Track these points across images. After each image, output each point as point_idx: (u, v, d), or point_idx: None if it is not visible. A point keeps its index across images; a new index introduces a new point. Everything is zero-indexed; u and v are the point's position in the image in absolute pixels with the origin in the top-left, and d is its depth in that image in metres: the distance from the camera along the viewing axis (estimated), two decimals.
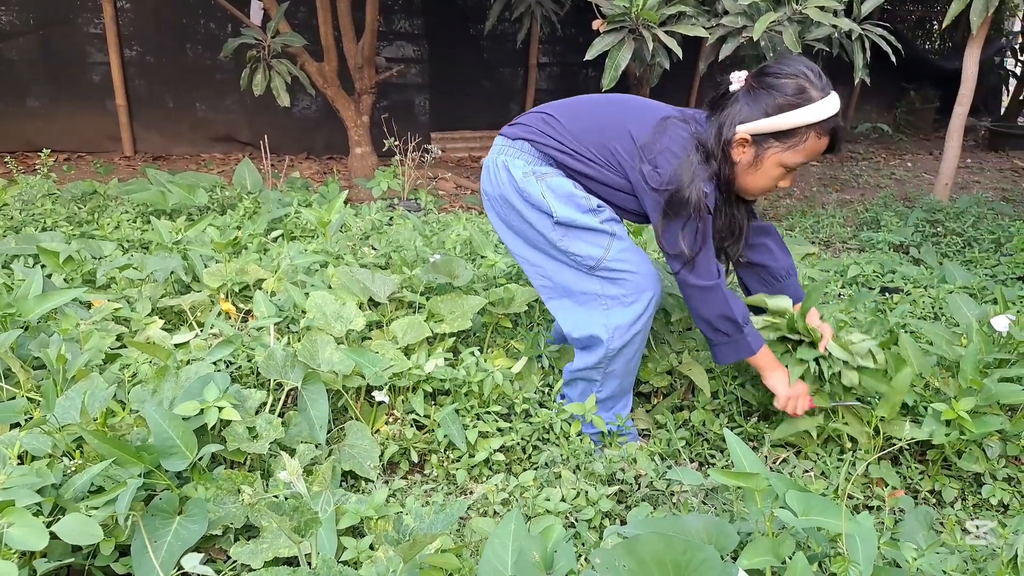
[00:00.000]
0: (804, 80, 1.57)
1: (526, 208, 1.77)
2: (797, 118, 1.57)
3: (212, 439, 1.63)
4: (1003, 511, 1.75)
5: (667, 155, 1.65)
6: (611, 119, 1.76)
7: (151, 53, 5.73)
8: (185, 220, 3.39)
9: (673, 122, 1.69)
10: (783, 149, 1.62)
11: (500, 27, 6.50)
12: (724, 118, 1.63)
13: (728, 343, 1.76)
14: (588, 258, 1.76)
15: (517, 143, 1.81)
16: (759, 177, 1.68)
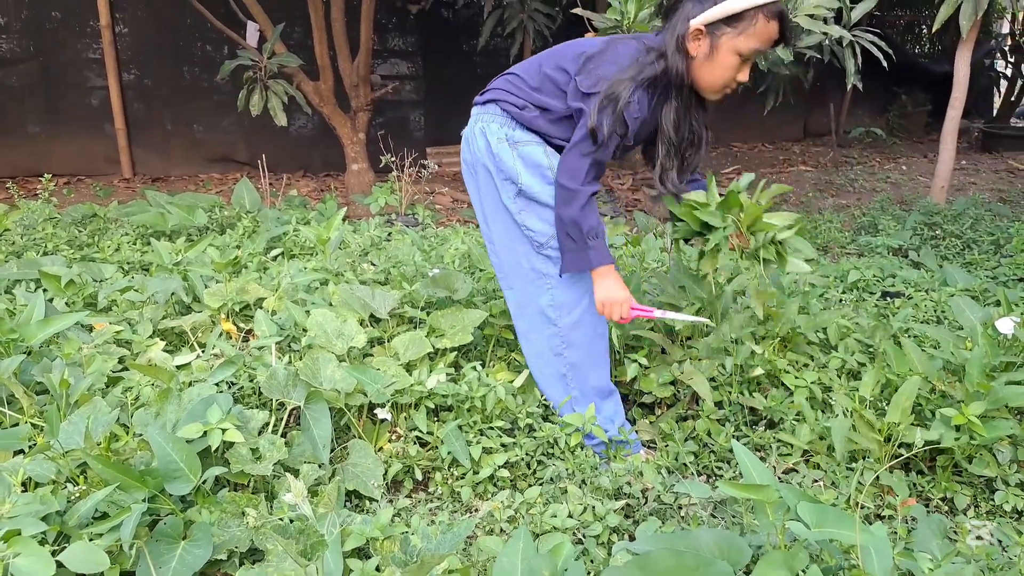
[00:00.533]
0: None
1: (497, 174, 1.82)
2: (744, 1, 1.62)
3: (215, 461, 1.61)
4: (1017, 517, 1.74)
5: (607, 64, 1.69)
6: (567, 56, 1.79)
7: (149, 76, 5.77)
8: (185, 241, 3.39)
9: (623, 40, 1.75)
10: (736, 34, 1.66)
11: (493, 42, 6.54)
12: (677, 18, 1.69)
13: (574, 250, 1.76)
14: (540, 234, 1.81)
15: (488, 107, 1.86)
16: (716, 67, 1.71)
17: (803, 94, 6.98)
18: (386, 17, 6.45)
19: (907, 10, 9.50)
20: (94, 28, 5.45)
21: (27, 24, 5.31)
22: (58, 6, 5.38)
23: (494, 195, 1.85)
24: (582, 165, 1.70)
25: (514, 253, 1.87)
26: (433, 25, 6.70)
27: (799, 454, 1.92)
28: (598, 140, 1.66)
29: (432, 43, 6.74)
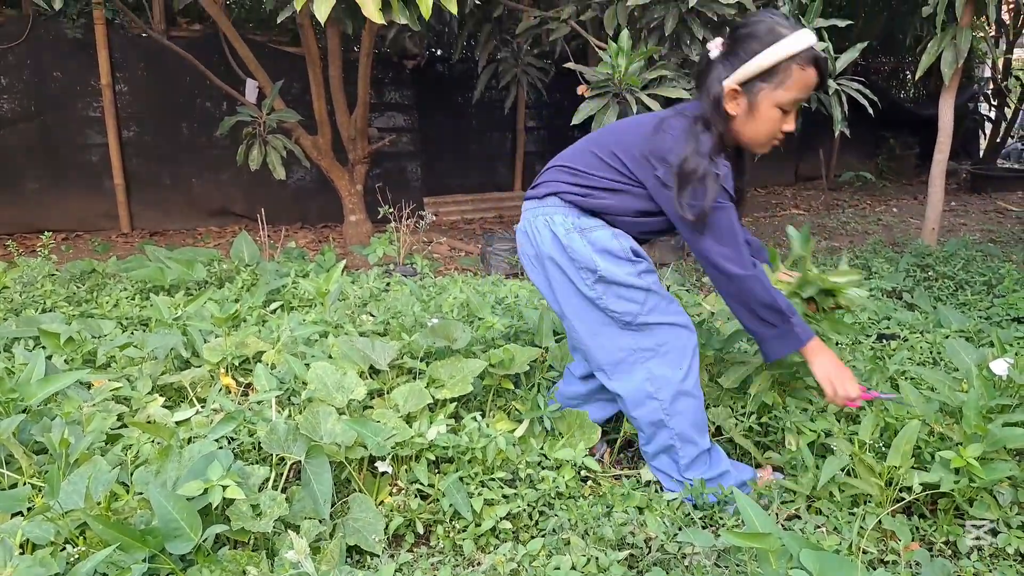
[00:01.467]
0: (772, 22, 1.64)
1: (569, 265, 1.81)
2: (774, 54, 1.62)
3: (216, 518, 1.60)
4: (1021, 560, 1.73)
5: (673, 148, 1.69)
6: (612, 136, 1.82)
7: (148, 133, 5.87)
8: (184, 295, 3.41)
9: (668, 120, 1.74)
10: (772, 88, 1.66)
11: (488, 95, 6.70)
12: (711, 81, 1.70)
13: (776, 335, 1.75)
14: (625, 314, 1.81)
15: (547, 200, 1.86)
16: (760, 123, 1.71)
17: (793, 140, 7.13)
18: (383, 72, 6.61)
19: (891, 57, 9.77)
20: (94, 87, 5.57)
21: (28, 85, 5.43)
22: (59, 67, 5.51)
23: (568, 286, 1.85)
24: (726, 247, 1.70)
25: (599, 337, 1.85)
26: (429, 79, 6.86)
27: (802, 500, 1.91)
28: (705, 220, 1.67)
29: (428, 96, 6.89)
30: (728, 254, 1.70)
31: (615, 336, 1.85)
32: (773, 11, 1.70)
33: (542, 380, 2.44)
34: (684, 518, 1.85)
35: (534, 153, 7.71)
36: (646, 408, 1.88)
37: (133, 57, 5.68)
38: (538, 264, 1.90)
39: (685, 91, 3.81)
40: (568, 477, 1.95)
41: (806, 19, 3.95)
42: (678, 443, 1.89)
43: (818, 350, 1.79)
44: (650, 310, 1.81)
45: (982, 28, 8.25)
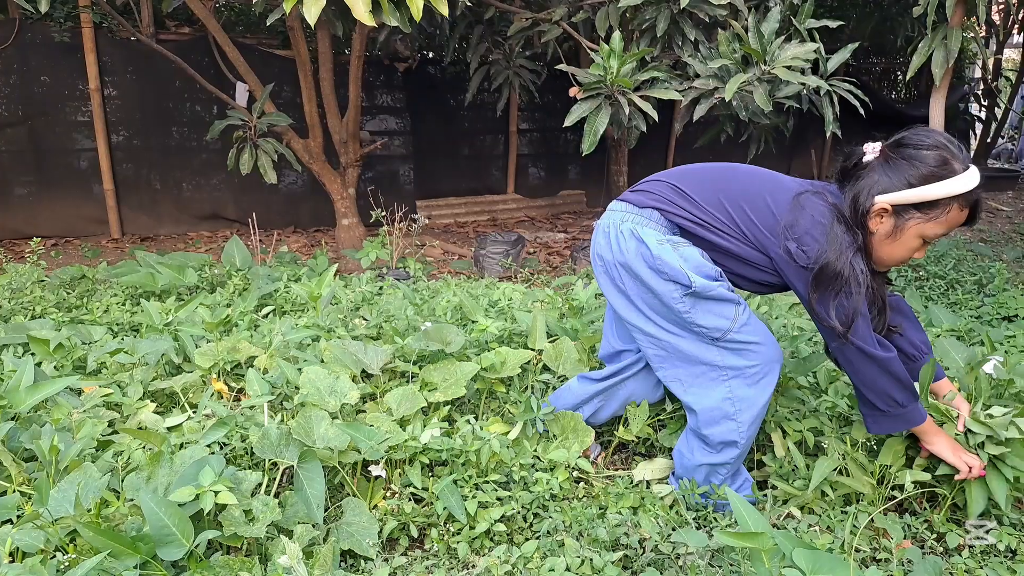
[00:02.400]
0: (946, 152, 1.55)
1: (654, 277, 1.73)
2: (942, 190, 1.54)
3: (208, 524, 1.59)
4: (1011, 556, 1.73)
5: (812, 232, 1.62)
6: (744, 192, 1.73)
7: (138, 137, 5.84)
8: (175, 300, 3.39)
9: (809, 197, 1.66)
10: (925, 220, 1.59)
11: (480, 97, 6.69)
12: (861, 188, 1.61)
13: (899, 414, 1.70)
14: (714, 329, 1.75)
15: (646, 211, 1.78)
16: (897, 248, 1.64)
17: (785, 141, 7.14)
18: (374, 75, 6.60)
19: (882, 58, 9.81)
20: (83, 92, 5.54)
21: (15, 89, 5.39)
22: (47, 71, 5.47)
23: (648, 295, 1.78)
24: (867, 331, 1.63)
25: (681, 347, 1.80)
26: (421, 82, 6.85)
27: (795, 499, 1.91)
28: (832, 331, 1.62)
29: (420, 99, 6.88)
30: (868, 337, 1.64)
31: (701, 349, 1.78)
32: (946, 135, 1.60)
33: (535, 382, 2.44)
34: (678, 518, 1.85)
35: (527, 155, 7.72)
36: (721, 427, 1.81)
37: (122, 61, 5.66)
38: (612, 271, 1.83)
39: (677, 92, 3.82)
40: (562, 479, 1.95)
41: (798, 20, 3.96)
42: (733, 462, 1.85)
43: (934, 429, 1.76)
44: (741, 326, 1.75)
45: (972, 29, 8.30)
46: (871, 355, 1.63)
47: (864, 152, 1.65)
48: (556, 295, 3.34)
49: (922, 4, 4.39)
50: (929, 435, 1.75)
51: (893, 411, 1.69)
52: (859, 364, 1.66)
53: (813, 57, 3.64)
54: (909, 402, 1.69)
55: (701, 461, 1.88)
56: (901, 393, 1.67)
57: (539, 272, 4.88)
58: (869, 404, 1.72)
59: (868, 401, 1.72)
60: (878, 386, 1.67)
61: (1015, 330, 3.17)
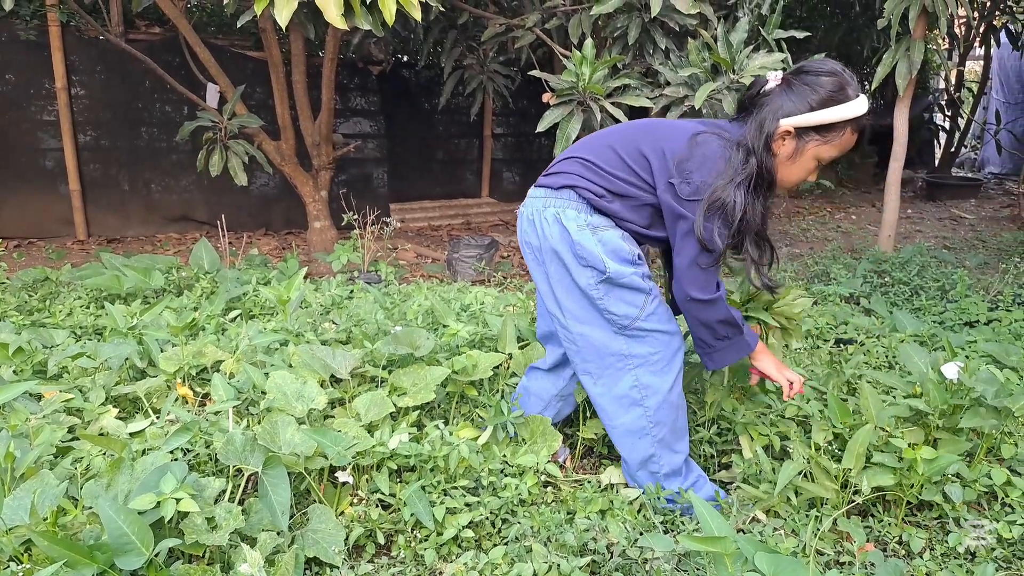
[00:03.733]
0: (841, 79, 1.65)
1: (574, 262, 1.77)
2: (838, 113, 1.65)
3: (169, 532, 1.57)
4: (971, 559, 1.77)
5: (701, 165, 1.67)
6: (643, 143, 1.77)
7: (105, 137, 5.74)
8: (141, 304, 3.33)
9: (705, 135, 1.71)
10: (822, 143, 1.69)
11: (454, 101, 6.69)
12: (766, 113, 1.68)
13: (729, 345, 1.81)
14: (623, 317, 1.80)
15: (563, 192, 1.81)
16: (796, 169, 1.74)
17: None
18: (347, 77, 6.56)
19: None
20: (49, 90, 5.43)
21: None
22: (12, 69, 5.36)
23: (568, 282, 1.82)
24: (707, 276, 1.72)
25: (591, 339, 1.84)
26: (395, 85, 6.83)
27: (761, 503, 1.93)
28: (713, 250, 1.67)
29: (394, 102, 6.86)
30: (704, 282, 1.72)
31: (608, 340, 1.83)
32: (838, 64, 1.69)
33: (504, 386, 2.43)
34: (645, 522, 1.86)
35: (501, 160, 7.73)
36: (630, 415, 1.87)
37: (90, 60, 5.56)
38: (540, 256, 1.86)
39: (648, 99, 3.85)
40: (530, 484, 1.95)
41: (766, 30, 4.02)
42: (657, 450, 1.89)
43: (762, 352, 1.90)
44: (648, 315, 1.80)
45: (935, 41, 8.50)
46: (705, 300, 1.74)
47: (767, 80, 1.72)
48: (528, 299, 3.34)
49: (886, 16, 4.49)
50: (757, 354, 1.89)
51: (720, 344, 1.81)
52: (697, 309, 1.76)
53: (781, 67, 3.69)
54: (734, 333, 1.81)
55: (633, 460, 1.93)
56: (726, 328, 1.79)
57: (512, 276, 4.88)
58: (703, 343, 1.84)
59: (701, 340, 1.83)
60: (710, 324, 1.78)
61: (976, 335, 3.24)
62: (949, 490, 1.83)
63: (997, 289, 4.03)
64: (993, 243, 5.92)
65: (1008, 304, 3.82)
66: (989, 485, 1.91)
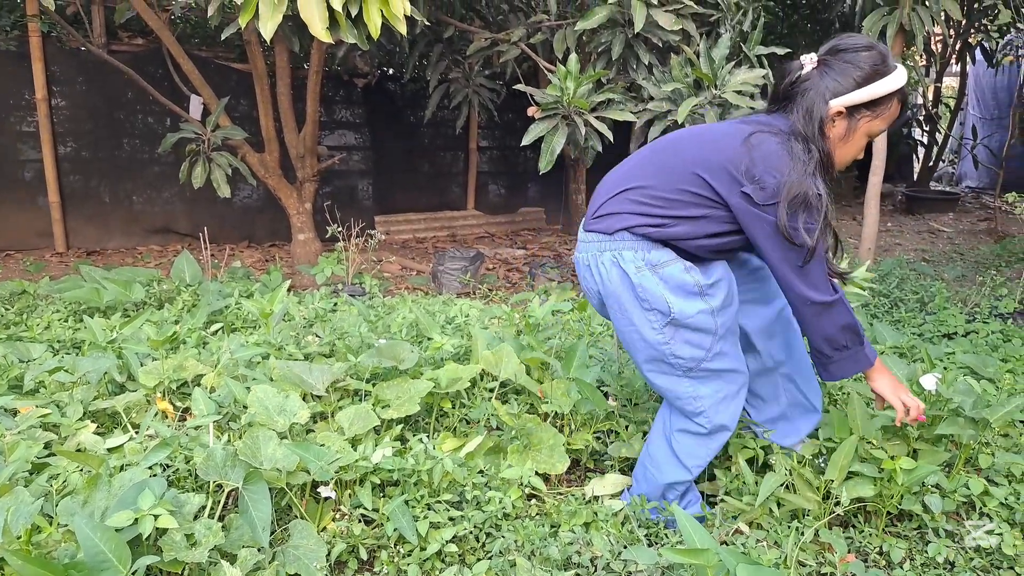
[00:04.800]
0: (880, 50, 1.62)
1: (636, 307, 1.72)
2: (886, 85, 1.61)
3: (147, 549, 1.54)
4: (950, 568, 1.78)
5: (768, 167, 1.60)
6: (696, 162, 1.68)
7: (86, 149, 5.70)
8: (120, 317, 3.30)
9: (757, 136, 1.63)
10: (872, 117, 1.65)
11: (440, 114, 6.71)
12: (812, 98, 1.62)
13: (848, 356, 1.72)
14: (689, 360, 1.75)
15: (618, 235, 1.74)
16: (849, 148, 1.70)
17: None
18: (333, 90, 6.56)
19: None
20: (29, 101, 5.39)
21: None
22: None
23: (629, 329, 1.77)
24: (815, 274, 1.64)
25: (658, 384, 1.82)
26: (380, 98, 6.84)
27: (744, 515, 1.94)
28: (803, 246, 1.60)
29: (379, 115, 6.87)
30: (819, 281, 1.65)
31: (673, 384, 1.79)
32: (871, 38, 1.66)
33: (490, 396, 2.42)
34: (629, 535, 1.86)
35: (487, 172, 7.75)
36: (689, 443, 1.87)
37: (71, 71, 5.52)
38: (598, 301, 1.84)
39: (632, 114, 3.88)
40: (515, 497, 1.94)
41: (747, 47, 4.07)
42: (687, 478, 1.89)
43: (881, 369, 1.79)
44: (715, 356, 1.76)
45: (913, 58, 8.65)
46: (826, 304, 1.65)
47: (802, 64, 1.66)
48: (513, 312, 3.35)
49: (865, 34, 4.56)
50: (875, 372, 1.78)
51: (838, 356, 1.72)
52: (814, 314, 1.67)
53: (762, 82, 3.74)
54: (855, 343, 1.71)
55: (659, 478, 1.90)
56: (847, 336, 1.70)
57: (497, 288, 4.88)
58: (818, 352, 1.74)
59: (818, 350, 1.74)
60: (829, 333, 1.69)
61: (954, 347, 3.28)
62: (928, 501, 1.85)
63: (975, 301, 4.09)
64: (971, 256, 6.00)
65: (985, 316, 3.87)
66: (967, 495, 1.93)
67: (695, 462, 1.86)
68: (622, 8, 3.91)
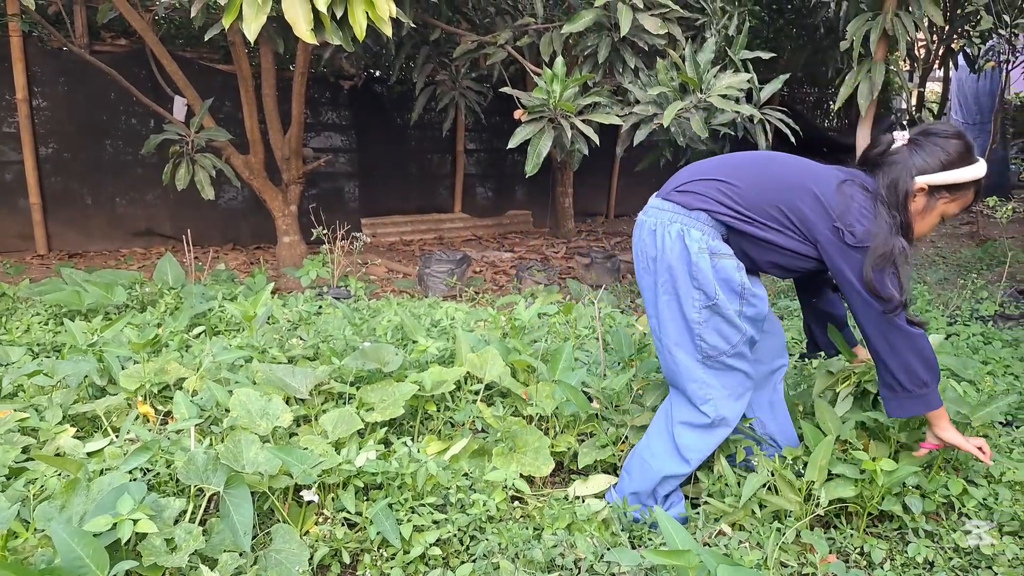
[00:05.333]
0: (968, 141, 1.73)
1: (687, 281, 1.80)
2: (968, 174, 1.72)
3: (126, 555, 1.53)
4: (929, 568, 1.80)
5: (860, 218, 1.71)
6: (790, 182, 1.79)
7: (68, 150, 5.64)
8: (102, 320, 3.26)
9: (851, 185, 1.76)
10: (950, 200, 1.76)
11: (427, 117, 6.70)
12: (900, 171, 1.72)
13: (920, 396, 1.77)
14: (713, 348, 1.83)
15: (695, 214, 1.81)
16: (923, 225, 1.79)
17: None
18: (319, 92, 6.54)
19: (815, 88, 10.23)
20: (10, 102, 5.33)
21: None
22: None
23: (673, 300, 1.84)
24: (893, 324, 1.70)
25: (679, 360, 1.86)
26: (367, 100, 6.83)
27: (727, 517, 1.94)
28: (888, 299, 1.67)
29: (366, 117, 6.85)
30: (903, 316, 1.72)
31: (691, 366, 1.86)
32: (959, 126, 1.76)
33: (468, 393, 2.42)
34: (612, 538, 1.86)
35: (474, 175, 7.75)
36: (691, 436, 1.91)
37: (53, 71, 5.47)
38: (653, 267, 1.87)
39: (618, 117, 3.90)
40: (499, 500, 1.94)
41: (732, 51, 4.10)
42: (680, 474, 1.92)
43: (945, 416, 1.84)
44: (736, 353, 1.84)
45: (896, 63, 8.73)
46: (908, 332, 1.72)
47: (893, 139, 1.77)
48: (499, 315, 3.34)
49: (849, 39, 4.61)
50: (943, 421, 1.83)
51: (917, 391, 1.76)
52: (896, 340, 1.73)
53: (747, 87, 3.76)
54: (932, 383, 1.77)
55: (652, 473, 1.92)
56: (927, 373, 1.75)
57: (484, 291, 4.88)
58: (891, 386, 1.79)
59: (893, 381, 1.78)
60: (910, 364, 1.74)
61: (936, 349, 3.30)
62: (909, 501, 1.86)
63: (956, 304, 4.13)
64: (953, 259, 6.07)
65: (966, 319, 3.91)
66: (947, 496, 1.94)
67: (695, 455, 1.90)
68: (608, 12, 3.93)
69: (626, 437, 2.21)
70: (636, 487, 1.95)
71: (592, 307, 3.70)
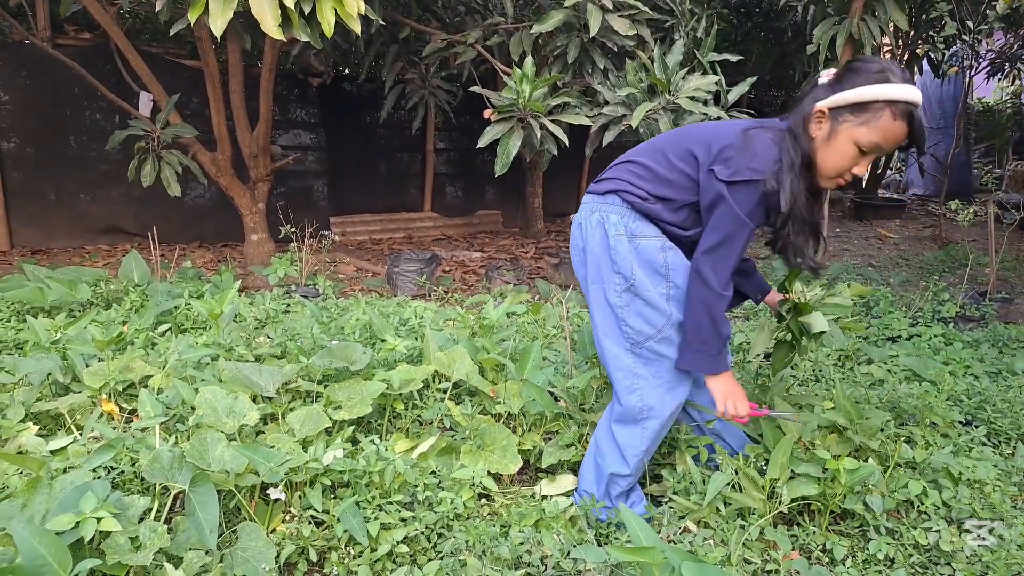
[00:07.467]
0: (886, 66, 1.62)
1: (608, 267, 1.81)
2: (871, 92, 1.59)
3: (90, 554, 1.51)
4: (890, 564, 1.85)
5: (746, 156, 1.66)
6: (693, 141, 1.76)
7: (31, 145, 5.52)
8: (66, 317, 3.20)
9: (756, 130, 1.72)
10: (857, 124, 1.63)
11: (396, 115, 6.68)
12: (806, 102, 1.70)
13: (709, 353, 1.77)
14: (638, 333, 1.82)
15: (609, 198, 1.83)
16: (832, 153, 1.67)
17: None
18: (287, 89, 6.48)
19: (782, 91, 10.39)
20: None
21: None
22: None
23: (598, 287, 1.85)
24: (728, 263, 1.69)
25: (607, 351, 1.86)
26: (336, 97, 6.78)
27: (692, 514, 1.98)
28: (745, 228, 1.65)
29: (335, 115, 6.80)
30: (724, 270, 1.70)
31: (619, 354, 1.85)
32: (892, 62, 1.66)
33: (439, 396, 2.42)
34: (579, 535, 1.88)
35: (444, 174, 7.74)
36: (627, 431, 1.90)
37: (14, 65, 5.34)
38: (583, 258, 1.90)
39: (587, 118, 3.93)
40: (466, 498, 1.95)
41: (701, 53, 4.16)
42: (627, 470, 1.91)
43: (726, 378, 1.86)
44: (662, 339, 1.81)
45: None
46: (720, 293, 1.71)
47: (820, 77, 1.73)
48: (468, 314, 3.35)
49: (815, 43, 4.70)
50: (715, 379, 1.84)
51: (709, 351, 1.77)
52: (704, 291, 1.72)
53: (715, 89, 3.82)
54: (722, 347, 1.78)
55: (604, 469, 1.94)
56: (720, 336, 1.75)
57: (453, 291, 4.88)
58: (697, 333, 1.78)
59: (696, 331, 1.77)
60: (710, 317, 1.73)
61: (897, 350, 3.39)
62: (870, 500, 1.91)
63: (918, 306, 4.24)
64: (915, 262, 6.21)
65: (928, 320, 4.01)
66: (907, 494, 2.00)
67: (631, 452, 1.90)
68: (578, 13, 3.96)
69: (589, 436, 2.23)
70: (590, 487, 1.98)
71: (561, 307, 3.73)
